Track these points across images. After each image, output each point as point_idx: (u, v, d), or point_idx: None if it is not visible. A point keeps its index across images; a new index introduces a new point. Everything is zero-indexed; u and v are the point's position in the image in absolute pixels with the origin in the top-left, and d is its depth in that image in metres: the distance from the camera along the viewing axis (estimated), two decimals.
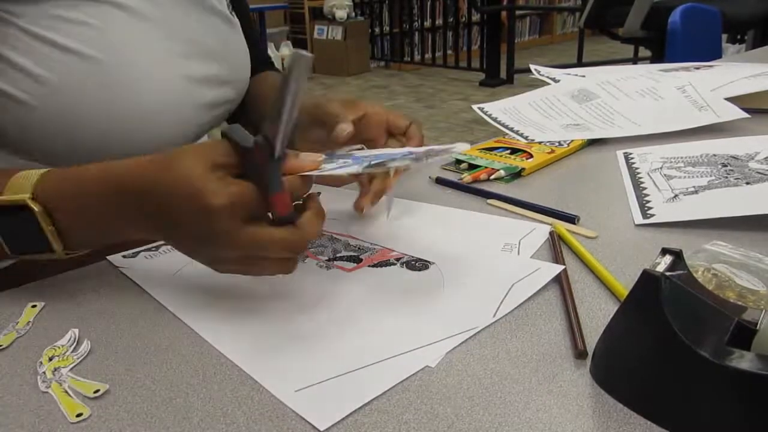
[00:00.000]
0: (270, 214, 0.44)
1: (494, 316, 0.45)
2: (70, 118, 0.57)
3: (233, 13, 0.73)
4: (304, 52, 0.42)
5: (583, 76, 1.02)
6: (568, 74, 1.05)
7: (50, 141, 0.57)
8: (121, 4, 0.58)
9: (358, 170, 0.46)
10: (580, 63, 4.95)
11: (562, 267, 0.50)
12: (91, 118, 0.57)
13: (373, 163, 0.46)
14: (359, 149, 0.61)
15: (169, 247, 0.58)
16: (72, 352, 0.43)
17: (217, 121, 0.73)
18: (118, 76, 0.57)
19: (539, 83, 1.01)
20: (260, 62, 0.83)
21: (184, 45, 0.63)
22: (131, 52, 0.58)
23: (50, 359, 0.42)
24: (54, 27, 0.55)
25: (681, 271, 0.38)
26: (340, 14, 5.39)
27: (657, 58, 2.73)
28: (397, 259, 0.54)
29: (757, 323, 0.36)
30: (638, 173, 0.71)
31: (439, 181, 0.72)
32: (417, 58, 5.91)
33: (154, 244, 0.59)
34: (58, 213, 0.46)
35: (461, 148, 0.50)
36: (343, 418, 0.36)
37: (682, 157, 0.72)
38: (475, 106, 0.93)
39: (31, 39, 0.55)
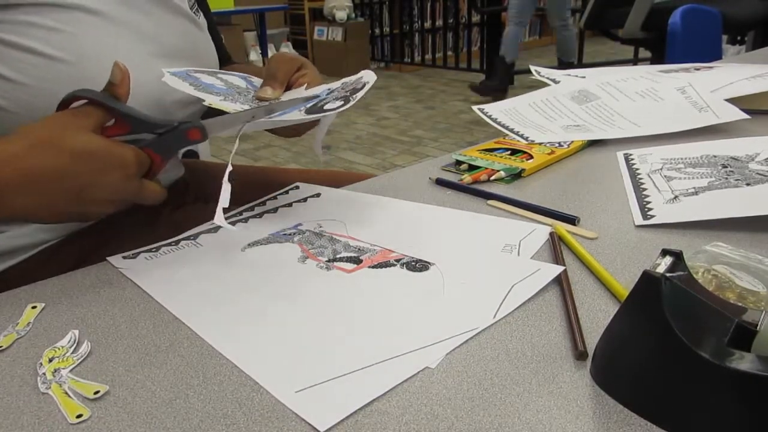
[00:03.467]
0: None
1: (494, 317, 0.45)
2: None
3: (198, 12, 0.75)
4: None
5: (584, 77, 1.02)
6: (569, 75, 1.05)
7: None
8: (90, 9, 0.59)
9: (300, 116, 0.59)
10: (580, 64, 4.95)
11: (563, 268, 0.50)
12: None
13: (308, 106, 0.61)
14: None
15: (170, 248, 0.58)
16: (72, 353, 0.43)
17: (192, 119, 0.74)
18: (92, 77, 0.57)
19: (539, 84, 1.01)
20: (224, 61, 0.84)
21: (154, 46, 0.64)
22: (103, 54, 0.59)
23: (50, 360, 0.42)
24: (25, 33, 0.55)
25: (681, 272, 0.38)
26: (340, 15, 5.39)
27: (657, 59, 2.73)
28: (397, 260, 0.54)
29: (757, 324, 0.36)
30: (638, 174, 0.71)
31: (439, 182, 0.72)
32: (417, 59, 5.91)
33: (154, 245, 0.59)
34: None
35: (369, 78, 0.66)
36: (344, 419, 0.36)
37: (682, 158, 0.72)
38: (475, 107, 0.93)
39: (1, 46, 0.55)
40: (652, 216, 0.60)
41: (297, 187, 0.73)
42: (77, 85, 0.56)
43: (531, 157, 0.76)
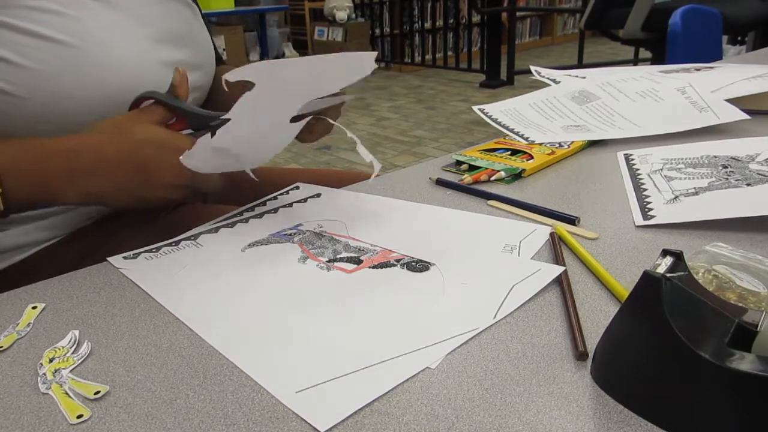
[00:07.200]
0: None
1: (495, 317, 0.45)
2: (51, 105, 0.58)
3: (194, 1, 0.76)
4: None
5: (584, 78, 1.02)
6: (569, 75, 1.05)
7: (33, 128, 0.58)
8: None
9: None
10: (580, 64, 4.95)
11: (563, 268, 0.50)
12: (71, 104, 0.58)
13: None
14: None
15: (170, 248, 0.58)
16: (72, 353, 0.43)
17: (196, 104, 0.74)
18: (95, 61, 0.58)
19: (540, 84, 1.01)
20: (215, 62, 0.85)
21: (154, 31, 0.65)
22: (106, 39, 0.60)
23: (51, 360, 0.42)
24: (29, 17, 0.56)
25: (681, 273, 0.38)
26: (341, 15, 5.39)
27: (657, 59, 2.73)
28: (398, 261, 0.54)
29: (757, 324, 0.36)
30: (639, 174, 0.71)
31: (440, 182, 0.72)
32: (417, 59, 5.91)
33: (155, 246, 0.59)
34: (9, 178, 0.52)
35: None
36: (344, 420, 0.36)
37: (682, 159, 0.72)
38: (475, 108, 0.93)
39: (6, 31, 0.55)
40: (653, 216, 0.60)
41: (297, 187, 0.73)
42: (79, 69, 0.57)
43: (531, 157, 0.76)
